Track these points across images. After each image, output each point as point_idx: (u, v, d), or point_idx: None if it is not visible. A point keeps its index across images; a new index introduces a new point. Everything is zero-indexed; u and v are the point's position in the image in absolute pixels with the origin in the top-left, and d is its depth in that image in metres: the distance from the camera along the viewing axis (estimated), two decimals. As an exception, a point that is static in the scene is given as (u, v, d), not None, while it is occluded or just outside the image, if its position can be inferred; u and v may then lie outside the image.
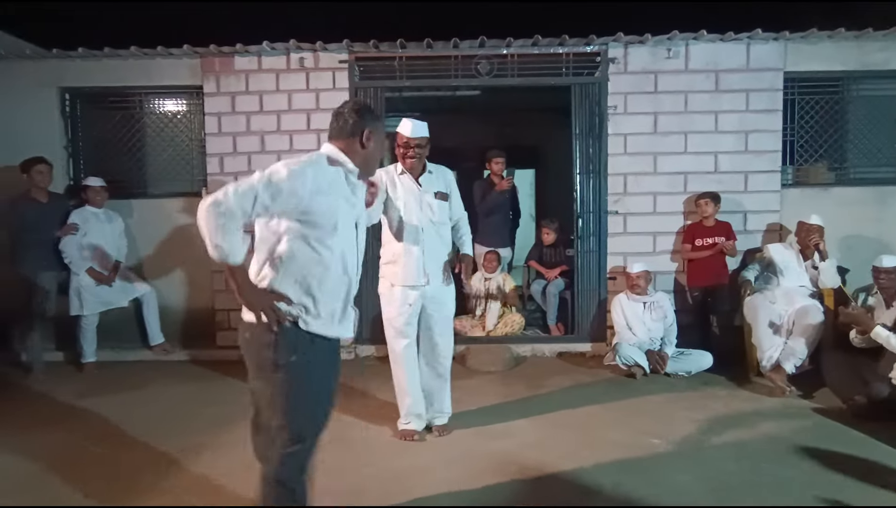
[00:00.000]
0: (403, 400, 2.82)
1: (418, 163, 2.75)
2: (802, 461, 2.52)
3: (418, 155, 2.71)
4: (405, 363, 2.79)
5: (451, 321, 2.92)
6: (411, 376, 2.81)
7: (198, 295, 4.52)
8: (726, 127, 4.28)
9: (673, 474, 2.42)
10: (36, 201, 4.02)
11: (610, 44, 4.23)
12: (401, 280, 2.72)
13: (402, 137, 2.70)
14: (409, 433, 2.81)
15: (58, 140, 4.47)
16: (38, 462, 2.62)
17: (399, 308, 2.75)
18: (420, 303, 2.77)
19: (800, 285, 3.75)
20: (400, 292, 2.74)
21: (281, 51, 4.32)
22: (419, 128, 2.71)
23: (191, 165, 4.58)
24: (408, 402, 2.81)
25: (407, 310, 2.75)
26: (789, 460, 2.54)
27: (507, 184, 4.77)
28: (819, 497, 2.21)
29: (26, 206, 3.98)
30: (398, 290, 2.74)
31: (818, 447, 2.65)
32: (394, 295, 2.75)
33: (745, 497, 2.24)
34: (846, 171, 4.44)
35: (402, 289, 2.74)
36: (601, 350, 4.29)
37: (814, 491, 2.25)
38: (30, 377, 3.87)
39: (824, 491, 2.25)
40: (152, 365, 4.21)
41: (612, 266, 4.37)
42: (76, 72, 4.42)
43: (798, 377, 3.49)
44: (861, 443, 2.70)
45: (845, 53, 4.23)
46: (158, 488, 2.36)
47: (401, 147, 2.72)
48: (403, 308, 2.75)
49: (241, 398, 3.34)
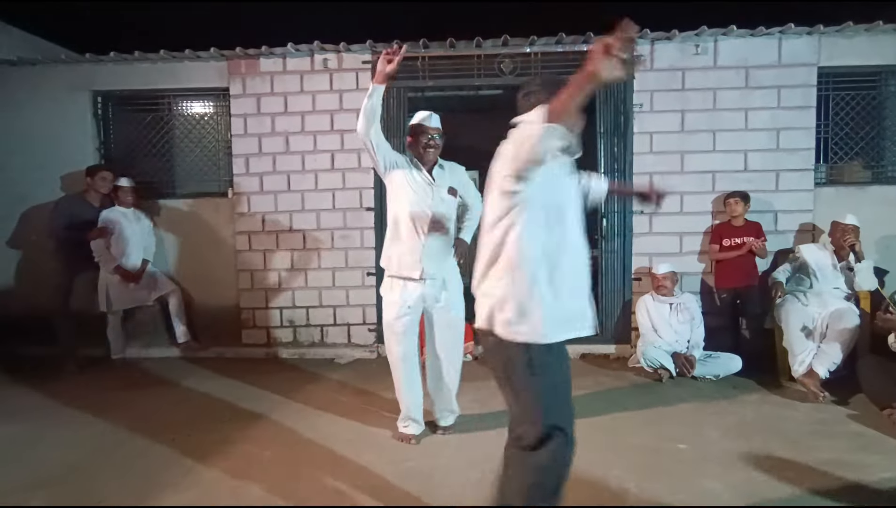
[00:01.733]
0: (401, 402, 2.81)
1: (436, 155, 2.73)
2: (837, 469, 2.43)
3: (438, 146, 2.70)
4: (403, 369, 2.74)
5: (458, 330, 2.81)
6: (409, 381, 2.76)
7: (224, 294, 4.60)
8: (757, 124, 4.17)
9: (700, 480, 2.37)
10: (89, 204, 4.19)
11: (636, 40, 4.16)
12: (395, 268, 2.65)
13: (424, 127, 2.68)
14: (405, 436, 2.79)
15: (90, 142, 4.60)
16: (77, 452, 2.70)
17: (399, 310, 2.67)
18: (421, 306, 2.70)
19: (834, 288, 3.63)
20: (399, 290, 2.66)
21: (305, 52, 4.36)
22: (437, 119, 2.73)
23: (217, 165, 4.67)
24: (405, 406, 2.80)
25: (406, 313, 2.67)
26: (822, 469, 2.45)
27: None
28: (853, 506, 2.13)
29: (80, 207, 4.16)
30: (397, 287, 2.67)
31: (853, 456, 2.55)
32: (393, 295, 2.68)
33: (775, 505, 2.17)
34: (884, 169, 4.28)
35: (402, 286, 2.66)
36: (626, 352, 4.22)
37: (848, 502, 2.17)
38: (64, 372, 3.99)
39: (860, 501, 2.17)
40: (179, 362, 4.31)
41: (638, 267, 4.30)
42: (108, 76, 4.54)
43: (832, 383, 3.38)
44: (900, 452, 2.60)
45: (883, 47, 4.08)
46: (185, 483, 2.40)
47: (422, 137, 2.68)
48: (403, 311, 2.67)
49: (266, 395, 3.45)
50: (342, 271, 4.51)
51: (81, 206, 4.17)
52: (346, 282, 4.50)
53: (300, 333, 4.57)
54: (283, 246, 4.53)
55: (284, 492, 2.31)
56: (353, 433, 2.90)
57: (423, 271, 2.64)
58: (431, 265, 2.65)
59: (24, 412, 3.27)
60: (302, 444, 2.77)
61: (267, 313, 4.57)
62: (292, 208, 4.50)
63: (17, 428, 3.01)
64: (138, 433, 2.94)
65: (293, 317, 4.57)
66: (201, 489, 2.35)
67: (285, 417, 3.13)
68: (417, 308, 2.71)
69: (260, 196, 4.51)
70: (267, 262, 4.55)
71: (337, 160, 4.43)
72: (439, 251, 2.68)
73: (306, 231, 4.51)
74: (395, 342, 2.72)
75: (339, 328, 4.54)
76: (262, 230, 4.53)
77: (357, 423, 3.03)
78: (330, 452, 2.67)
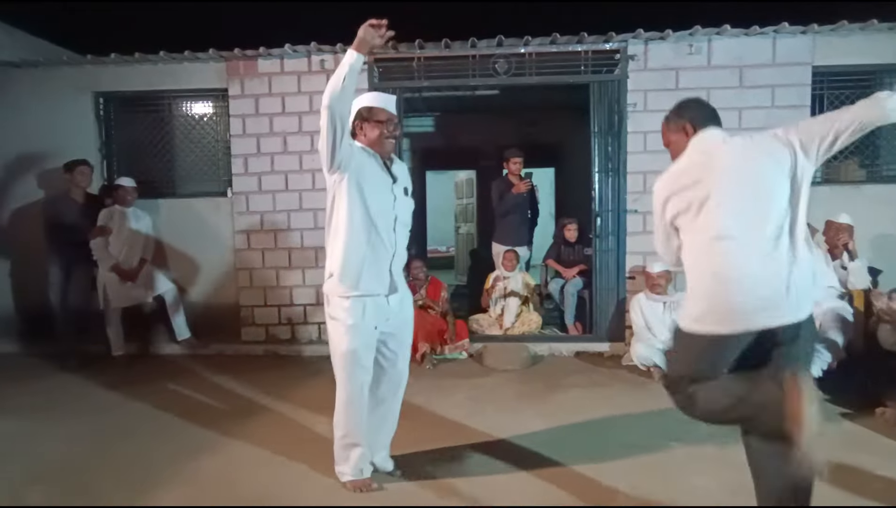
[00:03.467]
0: (358, 442, 2.26)
1: (393, 147, 2.26)
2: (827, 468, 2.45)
3: (398, 137, 2.22)
4: (361, 403, 2.24)
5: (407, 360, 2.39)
6: (365, 420, 2.27)
7: (223, 292, 4.66)
8: (751, 124, 4.17)
9: (691, 477, 2.39)
10: (73, 200, 4.23)
11: (630, 41, 4.18)
12: (360, 285, 2.14)
13: (384, 112, 2.17)
14: (365, 484, 2.28)
15: (93, 143, 4.66)
16: (76, 448, 2.74)
17: (366, 337, 2.19)
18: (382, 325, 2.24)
19: (828, 286, 3.63)
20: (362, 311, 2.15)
21: (302, 53, 4.41)
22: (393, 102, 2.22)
23: (217, 165, 4.72)
24: (363, 446, 2.28)
25: (374, 336, 2.22)
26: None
27: (525, 187, 4.77)
28: (842, 501, 2.15)
29: (65, 205, 4.19)
30: (359, 308, 2.15)
31: (845, 454, 2.56)
32: (355, 318, 2.14)
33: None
34: (878, 168, 4.29)
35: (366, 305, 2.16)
36: (619, 350, 4.24)
37: (838, 497, 2.19)
38: (63, 369, 4.04)
39: (849, 497, 2.18)
40: (179, 359, 4.36)
41: (632, 266, 4.32)
42: (109, 77, 4.61)
43: (825, 381, 3.38)
44: (892, 451, 2.61)
45: (878, 46, 4.08)
46: (182, 479, 2.43)
47: (382, 126, 2.16)
48: (370, 336, 2.20)
49: (264, 391, 3.49)
50: (339, 269, 4.55)
51: (67, 204, 4.20)
52: (344, 281, 4.54)
53: (298, 330, 4.61)
54: (281, 245, 4.58)
55: (283, 488, 2.34)
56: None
57: (391, 285, 2.22)
58: (398, 278, 2.26)
59: (23, 408, 3.32)
60: (300, 440, 2.80)
61: (266, 310, 4.61)
62: (290, 207, 4.54)
63: (15, 424, 3.06)
64: (137, 429, 2.99)
65: (291, 315, 4.61)
66: (198, 485, 2.38)
67: (284, 413, 3.17)
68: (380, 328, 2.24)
69: (258, 196, 4.56)
70: (265, 260, 4.59)
71: (334, 160, 4.47)
72: (401, 260, 2.27)
73: (304, 230, 4.56)
74: (360, 373, 2.20)
75: (336, 326, 4.58)
76: (261, 229, 4.58)
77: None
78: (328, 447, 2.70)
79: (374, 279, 2.18)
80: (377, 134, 2.16)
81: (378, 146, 2.18)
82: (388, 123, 2.17)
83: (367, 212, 2.12)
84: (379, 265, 2.18)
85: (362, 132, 2.18)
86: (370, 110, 2.17)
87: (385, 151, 2.21)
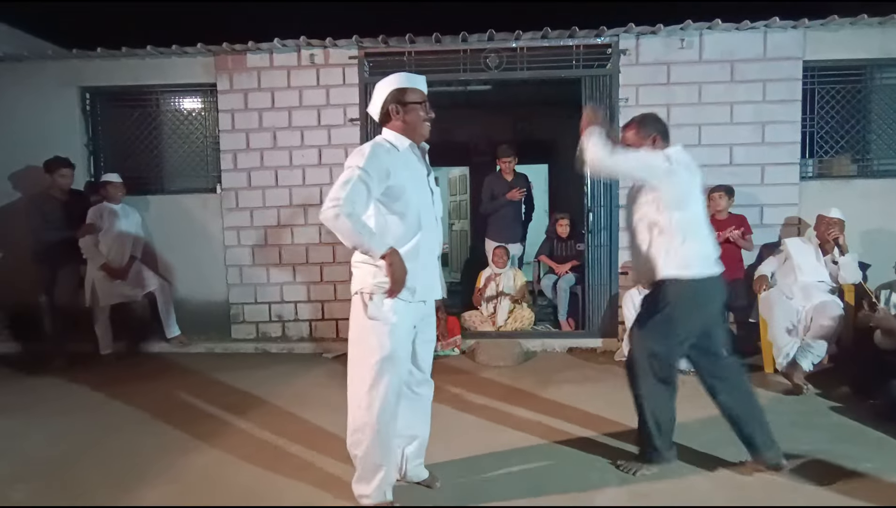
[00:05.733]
0: (377, 472, 2.00)
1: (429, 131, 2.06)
2: (819, 461, 2.45)
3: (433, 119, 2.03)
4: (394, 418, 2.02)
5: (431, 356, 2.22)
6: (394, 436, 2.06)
7: (213, 289, 4.61)
8: (742, 118, 4.18)
9: (683, 472, 2.38)
10: (55, 198, 4.15)
11: (621, 35, 4.17)
12: (418, 292, 1.97)
13: (418, 91, 1.98)
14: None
15: (78, 138, 4.60)
16: (61, 446, 2.71)
17: (408, 338, 2.01)
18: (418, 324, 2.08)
19: (818, 281, 3.64)
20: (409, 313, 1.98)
21: (292, 48, 4.36)
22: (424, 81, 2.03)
23: (205, 161, 4.67)
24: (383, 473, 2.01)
25: (412, 337, 2.05)
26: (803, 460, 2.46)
27: (519, 195, 4.74)
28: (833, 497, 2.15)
29: (48, 203, 4.12)
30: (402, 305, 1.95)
31: (836, 447, 2.57)
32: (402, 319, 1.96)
33: (758, 496, 2.18)
34: (869, 162, 4.30)
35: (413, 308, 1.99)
36: (612, 346, 4.24)
37: (828, 492, 2.19)
38: (51, 367, 3.99)
39: (839, 491, 2.18)
40: (169, 357, 4.31)
41: (624, 261, 4.31)
42: (95, 72, 4.54)
43: (816, 375, 3.40)
44: (881, 444, 2.61)
45: (868, 41, 4.09)
46: (169, 476, 2.41)
47: (422, 109, 1.98)
48: (410, 336, 2.03)
49: (254, 389, 3.45)
50: (330, 266, 4.52)
51: (50, 202, 4.12)
52: (334, 277, 4.51)
53: (289, 327, 4.58)
54: (271, 241, 4.54)
55: (272, 486, 2.32)
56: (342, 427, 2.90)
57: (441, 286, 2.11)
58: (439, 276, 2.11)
59: (10, 406, 3.27)
60: (290, 438, 2.76)
61: (256, 308, 4.58)
62: (280, 203, 4.50)
63: (2, 423, 3.01)
64: (125, 427, 2.95)
65: (282, 312, 4.58)
66: (185, 483, 2.35)
67: (274, 410, 3.14)
68: None
69: (248, 191, 4.51)
70: (255, 257, 4.55)
71: (324, 155, 4.44)
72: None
73: (294, 226, 4.52)
74: (396, 380, 1.98)
75: (327, 322, 4.55)
76: (251, 225, 4.54)
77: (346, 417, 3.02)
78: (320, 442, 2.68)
79: (430, 285, 2.04)
80: (415, 117, 1.97)
81: (414, 132, 1.99)
82: (424, 104, 1.99)
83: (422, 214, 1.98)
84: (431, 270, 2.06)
85: (398, 117, 1.97)
86: (404, 92, 1.96)
87: (422, 136, 2.02)
